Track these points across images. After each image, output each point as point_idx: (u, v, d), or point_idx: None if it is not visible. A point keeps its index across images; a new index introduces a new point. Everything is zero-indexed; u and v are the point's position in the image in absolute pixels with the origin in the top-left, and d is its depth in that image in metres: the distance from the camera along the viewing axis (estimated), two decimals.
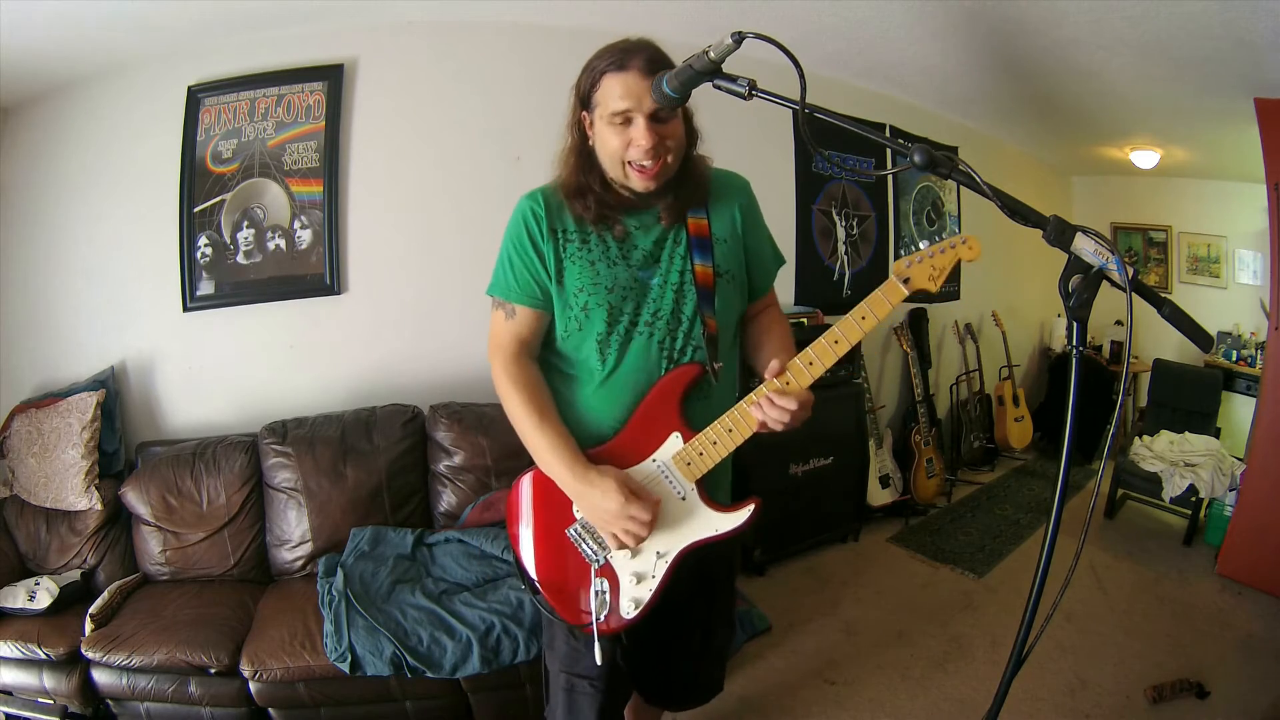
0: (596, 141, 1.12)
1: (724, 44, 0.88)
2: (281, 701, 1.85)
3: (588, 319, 1.14)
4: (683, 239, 1.18)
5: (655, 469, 1.15)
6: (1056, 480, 0.92)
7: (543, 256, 1.15)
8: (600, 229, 1.16)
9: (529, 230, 1.15)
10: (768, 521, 2.79)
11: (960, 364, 4.19)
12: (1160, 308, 0.86)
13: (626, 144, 1.07)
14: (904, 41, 2.91)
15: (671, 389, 1.15)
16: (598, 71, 1.08)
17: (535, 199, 1.17)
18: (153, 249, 2.46)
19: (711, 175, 1.22)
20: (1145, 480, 3.32)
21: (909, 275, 1.06)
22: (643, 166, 1.08)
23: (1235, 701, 2.09)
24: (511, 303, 1.18)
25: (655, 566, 1.15)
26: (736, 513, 1.16)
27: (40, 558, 2.16)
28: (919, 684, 2.23)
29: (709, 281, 1.17)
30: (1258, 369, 3.63)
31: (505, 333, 1.19)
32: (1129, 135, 4.00)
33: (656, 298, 1.16)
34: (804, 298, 3.41)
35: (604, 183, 1.14)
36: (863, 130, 0.90)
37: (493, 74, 2.65)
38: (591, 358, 1.15)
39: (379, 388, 2.57)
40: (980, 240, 1.05)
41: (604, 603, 1.14)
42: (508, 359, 1.18)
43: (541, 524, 1.20)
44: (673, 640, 1.35)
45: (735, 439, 1.13)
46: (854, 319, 1.08)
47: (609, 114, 1.07)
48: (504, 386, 1.17)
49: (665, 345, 1.16)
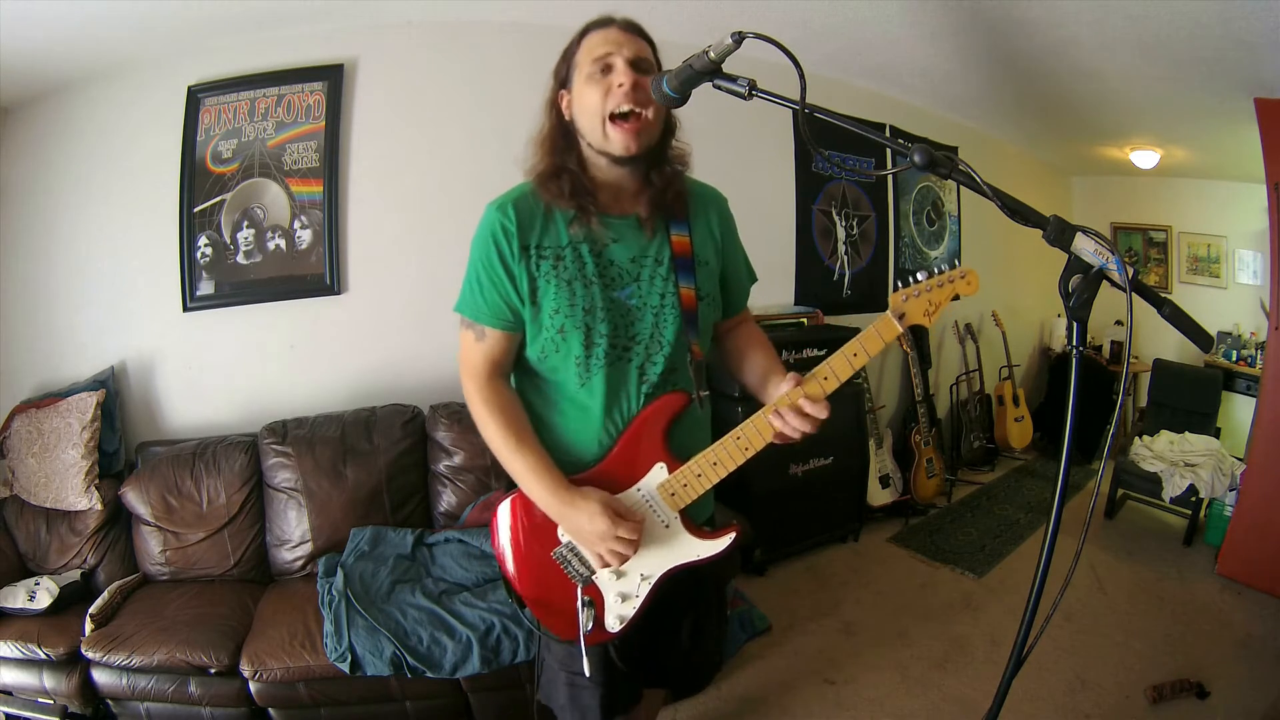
0: (576, 108, 1.09)
1: (724, 44, 0.88)
2: (281, 701, 1.85)
3: (564, 341, 1.09)
4: (665, 258, 1.13)
5: (640, 497, 1.13)
6: (1056, 480, 0.92)
7: (514, 278, 1.08)
8: (577, 243, 1.10)
9: (499, 248, 1.08)
10: (768, 521, 2.84)
11: (960, 364, 4.19)
12: (1160, 308, 0.86)
13: (606, 92, 1.04)
14: (904, 42, 2.91)
15: (656, 419, 1.12)
16: (577, 37, 1.09)
17: (505, 212, 1.09)
18: (153, 249, 2.46)
19: (691, 185, 1.19)
20: (1145, 480, 3.32)
21: (904, 311, 1.05)
22: (623, 115, 1.04)
23: (1235, 701, 2.09)
24: (481, 324, 1.12)
25: (639, 587, 1.16)
26: (717, 540, 1.16)
27: (40, 558, 2.16)
28: (919, 684, 2.23)
29: (693, 305, 1.13)
30: (1258, 369, 3.63)
31: (476, 354, 1.14)
32: (1129, 135, 4.00)
33: (636, 320, 1.11)
34: (804, 298, 3.41)
35: (581, 163, 1.11)
36: (863, 130, 0.90)
37: (493, 74, 2.64)
38: (570, 380, 1.11)
39: (379, 388, 2.57)
40: (978, 275, 1.06)
41: (590, 617, 1.15)
42: (481, 382, 1.14)
43: (526, 546, 1.18)
44: (663, 633, 1.33)
45: (720, 471, 1.11)
46: (846, 355, 1.06)
47: (589, 64, 1.06)
48: (478, 410, 1.13)
49: (644, 370, 1.12)
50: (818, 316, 3.23)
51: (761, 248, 3.32)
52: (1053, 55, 2.84)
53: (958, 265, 1.06)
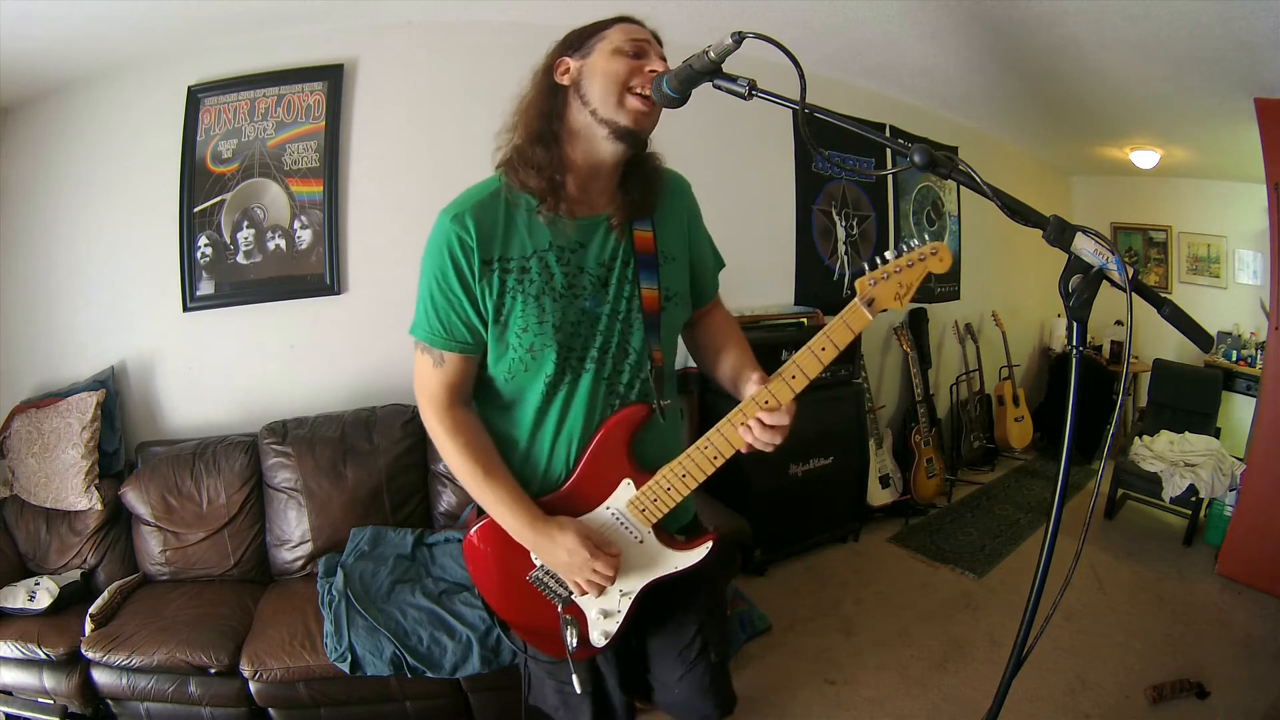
0: (589, 72, 0.99)
1: (724, 44, 0.88)
2: (281, 701, 1.85)
3: (534, 361, 1.02)
4: (631, 260, 1.06)
5: (610, 516, 1.10)
6: (1056, 480, 0.92)
7: (474, 297, 1.00)
8: (543, 251, 1.02)
9: (455, 265, 0.99)
10: (768, 521, 2.84)
11: (960, 364, 4.19)
12: (1160, 308, 0.86)
13: (635, 70, 0.98)
14: (904, 41, 2.91)
15: (618, 433, 1.07)
16: (611, 20, 1.03)
17: (463, 223, 0.98)
18: (153, 249, 2.46)
19: (662, 175, 1.11)
20: (1145, 480, 3.32)
21: (873, 296, 0.98)
22: (645, 96, 0.97)
23: (1235, 701, 2.09)
24: (438, 349, 1.04)
25: (620, 603, 1.15)
26: (694, 550, 1.13)
27: (40, 558, 2.16)
28: (919, 684, 2.23)
29: (655, 308, 1.07)
30: (1258, 369, 3.63)
31: (434, 381, 1.06)
32: (1129, 135, 4.00)
33: (605, 330, 1.05)
34: (804, 298, 3.41)
35: (563, 135, 1.02)
36: (863, 130, 0.90)
37: (493, 74, 2.60)
38: (536, 400, 1.06)
39: (379, 388, 2.57)
40: (950, 251, 0.98)
41: (575, 635, 1.14)
42: (440, 410, 1.07)
43: (502, 573, 1.15)
44: (661, 646, 1.30)
45: (690, 483, 1.07)
46: (813, 351, 1.00)
47: (624, 41, 0.99)
48: (441, 440, 1.08)
49: (612, 381, 1.07)
50: (818, 316, 3.23)
51: (761, 248, 3.36)
52: (1053, 55, 2.84)
53: (927, 241, 0.98)
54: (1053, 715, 2.06)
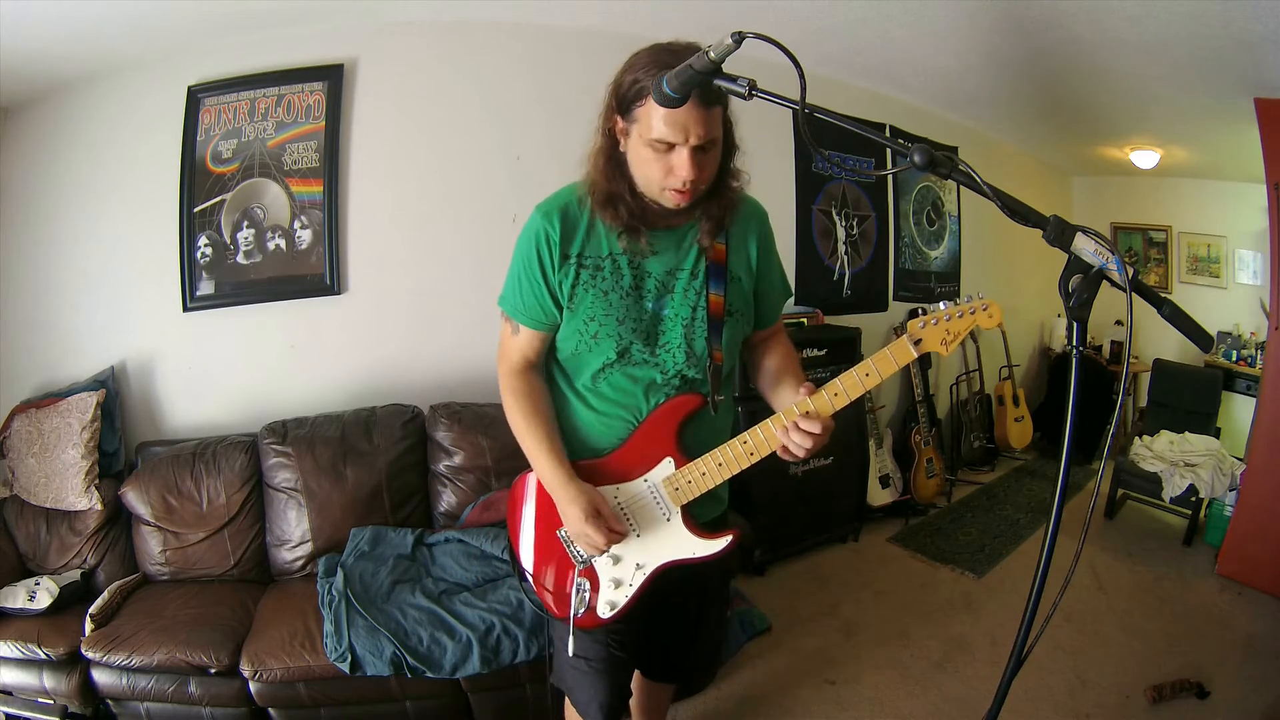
0: (631, 156, 1.07)
1: (724, 44, 0.87)
2: (281, 701, 1.85)
3: (596, 344, 1.15)
4: (701, 271, 1.16)
5: (645, 489, 1.19)
6: (1056, 480, 0.92)
7: (552, 285, 1.14)
8: (617, 255, 1.13)
9: (540, 256, 1.13)
10: (768, 521, 2.84)
11: (960, 364, 4.19)
12: (1160, 308, 0.86)
13: (666, 172, 1.03)
14: (904, 41, 2.91)
15: (671, 415, 1.18)
16: (642, 89, 0.99)
17: (550, 219, 1.12)
18: (153, 249, 2.46)
19: (741, 198, 1.19)
20: (1145, 480, 3.32)
21: (921, 337, 1.07)
22: (679, 190, 1.05)
23: (1235, 701, 2.09)
24: (517, 321, 1.19)
25: (633, 576, 1.22)
26: (715, 541, 1.21)
27: (40, 558, 2.16)
28: (919, 684, 2.23)
29: (720, 313, 1.17)
30: (1258, 369, 3.63)
31: (511, 347, 1.22)
32: (1129, 135, 4.00)
33: (666, 330, 1.16)
34: (804, 298, 3.41)
35: (633, 191, 1.10)
36: (863, 130, 0.90)
37: (493, 74, 2.65)
38: (593, 375, 1.18)
39: (379, 388, 2.57)
40: (1001, 308, 1.05)
41: (583, 600, 1.22)
42: (512, 371, 1.23)
43: (539, 520, 1.27)
44: (665, 622, 1.38)
45: (725, 472, 1.16)
46: (858, 375, 1.08)
47: (651, 139, 1.01)
48: (506, 396, 1.22)
49: (669, 373, 1.17)
50: (818, 316, 3.23)
51: None
52: (1053, 55, 2.84)
53: (981, 296, 1.06)
54: (1053, 715, 2.06)
